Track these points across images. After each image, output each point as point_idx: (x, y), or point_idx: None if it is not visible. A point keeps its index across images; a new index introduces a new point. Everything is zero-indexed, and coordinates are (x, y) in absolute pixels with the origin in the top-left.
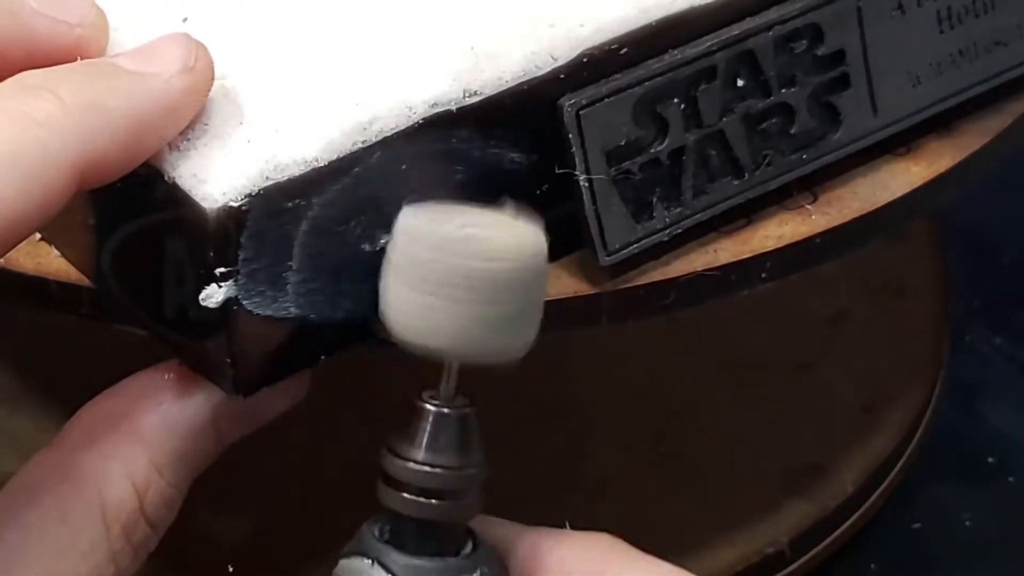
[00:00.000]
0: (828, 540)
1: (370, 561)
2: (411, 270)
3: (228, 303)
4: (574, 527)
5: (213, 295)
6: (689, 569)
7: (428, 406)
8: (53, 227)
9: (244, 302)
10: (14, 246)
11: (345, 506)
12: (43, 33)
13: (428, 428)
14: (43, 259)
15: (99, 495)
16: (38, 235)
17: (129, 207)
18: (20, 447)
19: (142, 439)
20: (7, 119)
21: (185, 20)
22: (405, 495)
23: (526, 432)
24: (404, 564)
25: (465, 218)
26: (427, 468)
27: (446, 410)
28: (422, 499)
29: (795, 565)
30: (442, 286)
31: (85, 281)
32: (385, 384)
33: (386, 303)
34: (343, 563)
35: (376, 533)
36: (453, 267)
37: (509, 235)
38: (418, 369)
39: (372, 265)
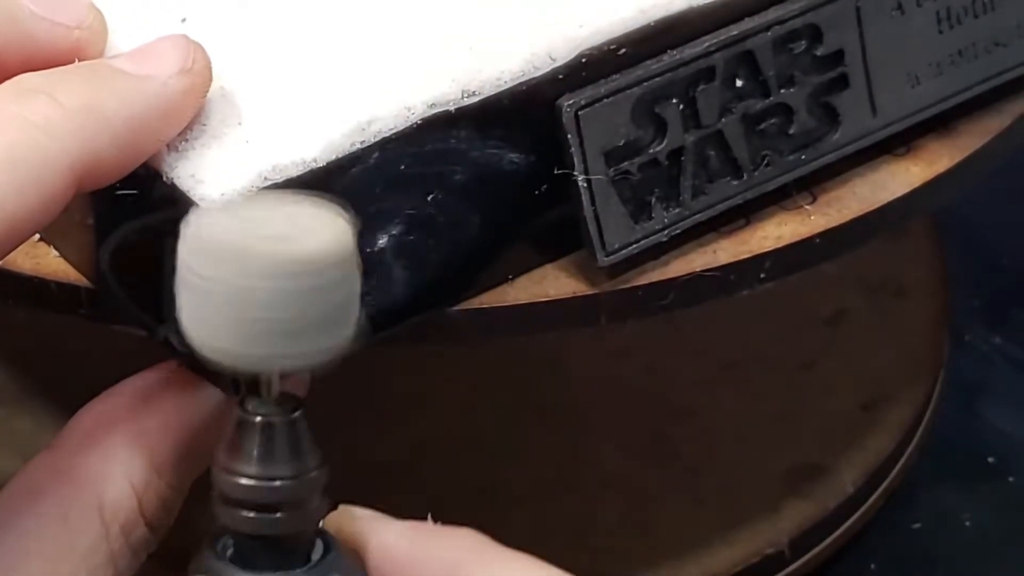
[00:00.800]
0: (828, 540)
1: None
2: (205, 288)
3: None
4: (574, 528)
5: None
6: (688, 570)
7: (254, 418)
8: (52, 228)
9: None
10: (13, 248)
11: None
12: (42, 36)
13: (257, 440)
14: (42, 259)
15: (98, 496)
16: (37, 235)
17: (128, 208)
18: (21, 447)
19: (141, 440)
20: (5, 122)
21: (184, 21)
22: (243, 513)
23: (525, 432)
24: None
25: (257, 225)
26: (261, 482)
27: (274, 419)
28: (262, 515)
29: (795, 565)
30: (243, 306)
31: (84, 281)
32: (385, 384)
33: (184, 319)
34: None
35: (218, 551)
36: (250, 289)
37: (307, 236)
38: (418, 369)
39: (370, 266)
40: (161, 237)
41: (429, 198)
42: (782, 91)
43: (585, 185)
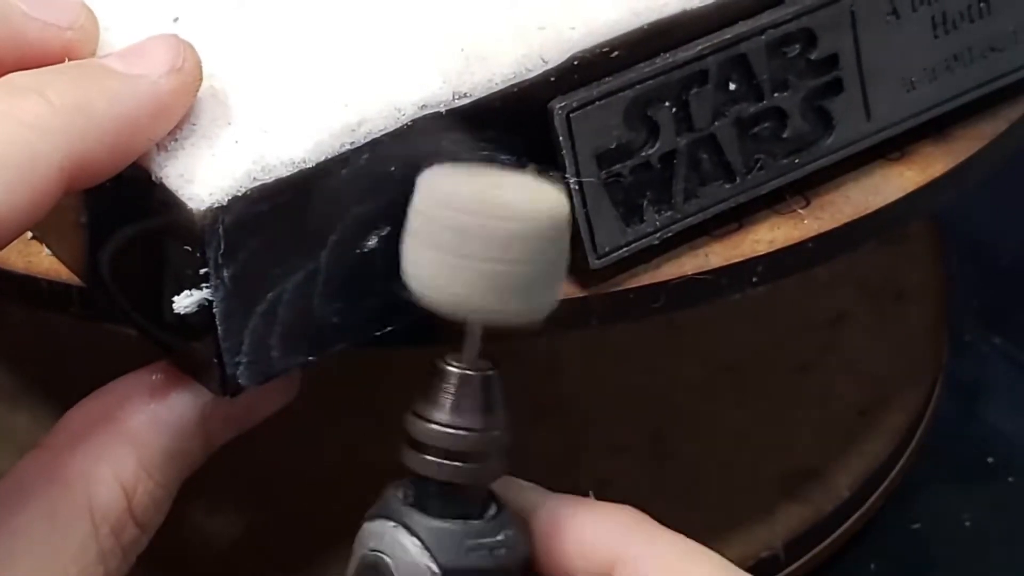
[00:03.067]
0: (823, 545)
1: (393, 524)
2: (431, 230)
3: (211, 305)
4: None
5: (186, 300)
6: None
7: (451, 368)
8: (44, 226)
9: (229, 303)
10: (3, 247)
11: (342, 506)
12: (34, 36)
13: (451, 390)
14: (34, 258)
15: (87, 496)
16: (29, 234)
17: (117, 207)
18: (17, 444)
19: (130, 440)
20: None
21: (176, 20)
22: (428, 457)
23: (523, 433)
24: (427, 527)
25: (485, 178)
26: (450, 430)
27: (470, 372)
28: (445, 461)
29: (789, 569)
30: (462, 246)
31: (75, 280)
32: (385, 384)
33: (407, 265)
34: (366, 526)
35: (400, 496)
36: (472, 227)
37: (529, 195)
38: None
39: (360, 266)
40: (149, 237)
41: None
42: (776, 95)
43: (577, 187)
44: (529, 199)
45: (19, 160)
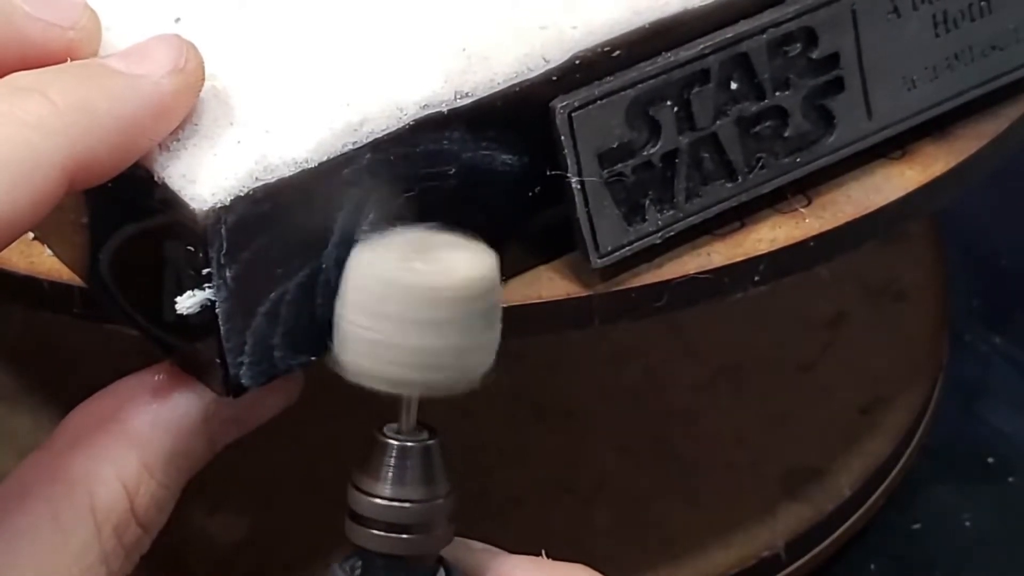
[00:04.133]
0: (824, 544)
1: None
2: (362, 305)
3: (213, 305)
4: (571, 529)
5: (188, 301)
6: (684, 572)
7: (391, 440)
8: (46, 226)
9: (232, 303)
10: (5, 246)
11: (342, 508)
12: (36, 37)
13: (392, 462)
14: (36, 258)
15: (90, 496)
16: (31, 234)
17: (119, 207)
18: (18, 446)
19: (132, 440)
20: None
21: (178, 20)
22: (373, 531)
23: (523, 433)
24: None
25: (415, 252)
26: (392, 503)
27: (409, 443)
28: (388, 534)
29: (790, 569)
30: (393, 321)
31: (77, 280)
32: None
33: (339, 341)
34: None
35: (347, 569)
36: (403, 302)
37: (460, 268)
38: None
39: None
40: (152, 237)
41: (420, 199)
42: (777, 94)
43: (579, 187)
44: (458, 264)
45: (21, 160)
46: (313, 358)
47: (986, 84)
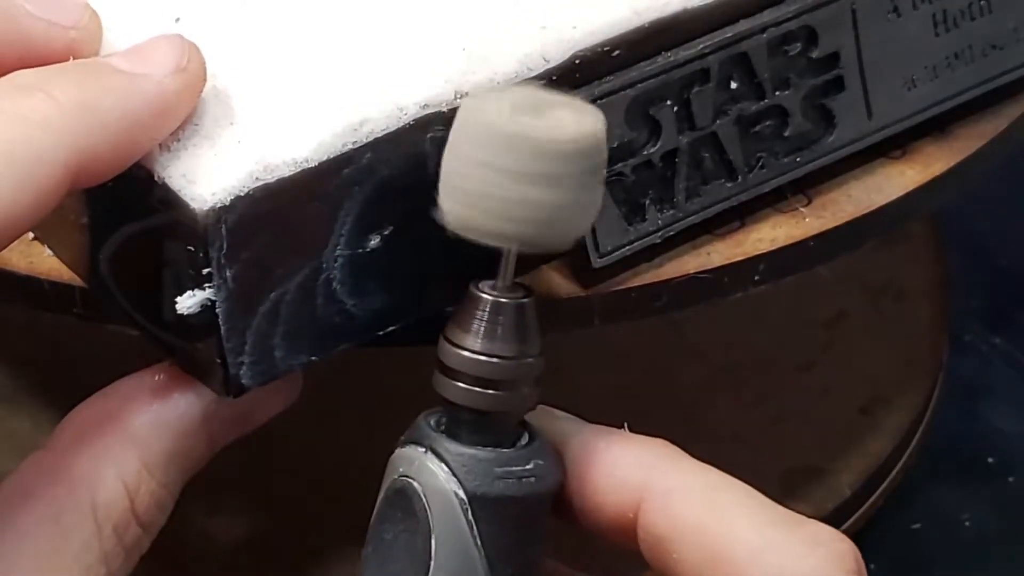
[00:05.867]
0: None
1: (424, 449)
2: (469, 152)
3: (213, 305)
4: (569, 528)
5: (188, 301)
6: None
7: (484, 295)
8: (46, 226)
9: (232, 303)
10: (7, 245)
11: (343, 507)
12: (38, 36)
13: (484, 317)
14: (36, 258)
15: (90, 496)
16: (31, 234)
17: (120, 207)
18: (18, 446)
19: (133, 440)
20: (0, 118)
21: (178, 20)
22: (459, 384)
23: None
24: (457, 453)
25: (525, 100)
26: (482, 357)
27: (503, 299)
28: (476, 388)
29: None
30: (500, 167)
31: (77, 281)
32: (384, 384)
33: (444, 188)
34: (398, 452)
35: (432, 422)
36: (511, 154)
37: (567, 117)
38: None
39: (362, 266)
40: (152, 237)
41: (422, 199)
42: (777, 93)
43: None
44: (567, 121)
45: (24, 158)
46: (313, 358)
47: (986, 83)
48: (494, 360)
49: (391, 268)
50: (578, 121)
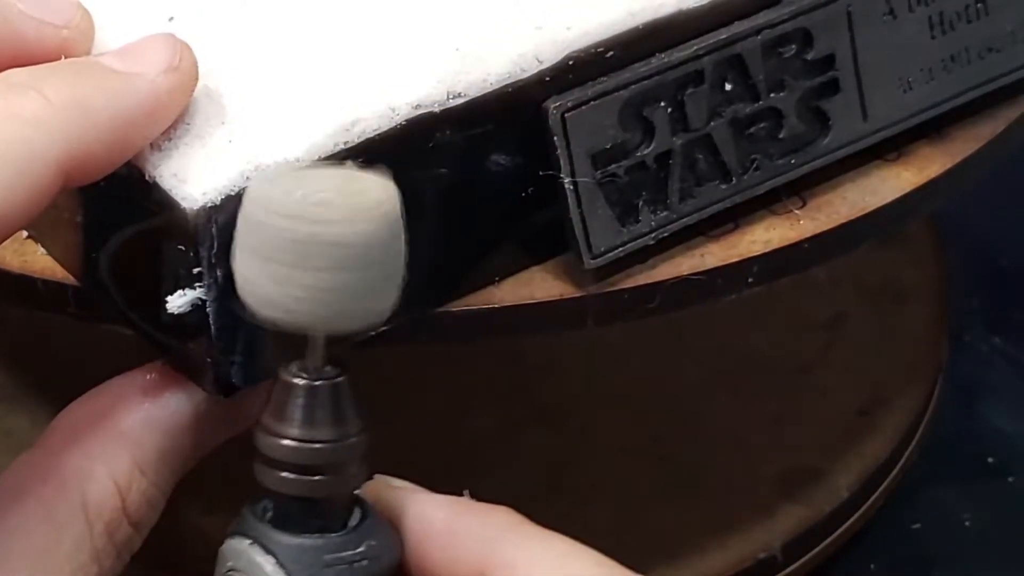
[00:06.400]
0: (821, 546)
1: (250, 541)
2: (259, 241)
3: (204, 304)
4: (568, 530)
5: (179, 300)
6: (681, 573)
7: (297, 380)
8: (39, 225)
9: (223, 302)
10: (0, 243)
11: None
12: (30, 35)
13: (300, 403)
14: (29, 257)
15: (82, 495)
16: (24, 233)
17: (112, 206)
18: (15, 445)
19: (124, 439)
20: None
21: (171, 20)
22: (281, 473)
23: (520, 434)
24: (283, 544)
25: (311, 182)
26: (301, 444)
27: (316, 383)
28: (298, 476)
29: (788, 570)
30: (292, 256)
31: (71, 279)
32: (382, 383)
33: (240, 278)
34: (226, 544)
35: (258, 512)
36: (301, 235)
37: (357, 197)
38: (412, 371)
39: None
40: (143, 236)
41: (413, 200)
42: (772, 95)
43: (572, 187)
44: (358, 200)
45: (17, 156)
46: None
47: (982, 86)
48: (315, 445)
49: None
50: (373, 198)
